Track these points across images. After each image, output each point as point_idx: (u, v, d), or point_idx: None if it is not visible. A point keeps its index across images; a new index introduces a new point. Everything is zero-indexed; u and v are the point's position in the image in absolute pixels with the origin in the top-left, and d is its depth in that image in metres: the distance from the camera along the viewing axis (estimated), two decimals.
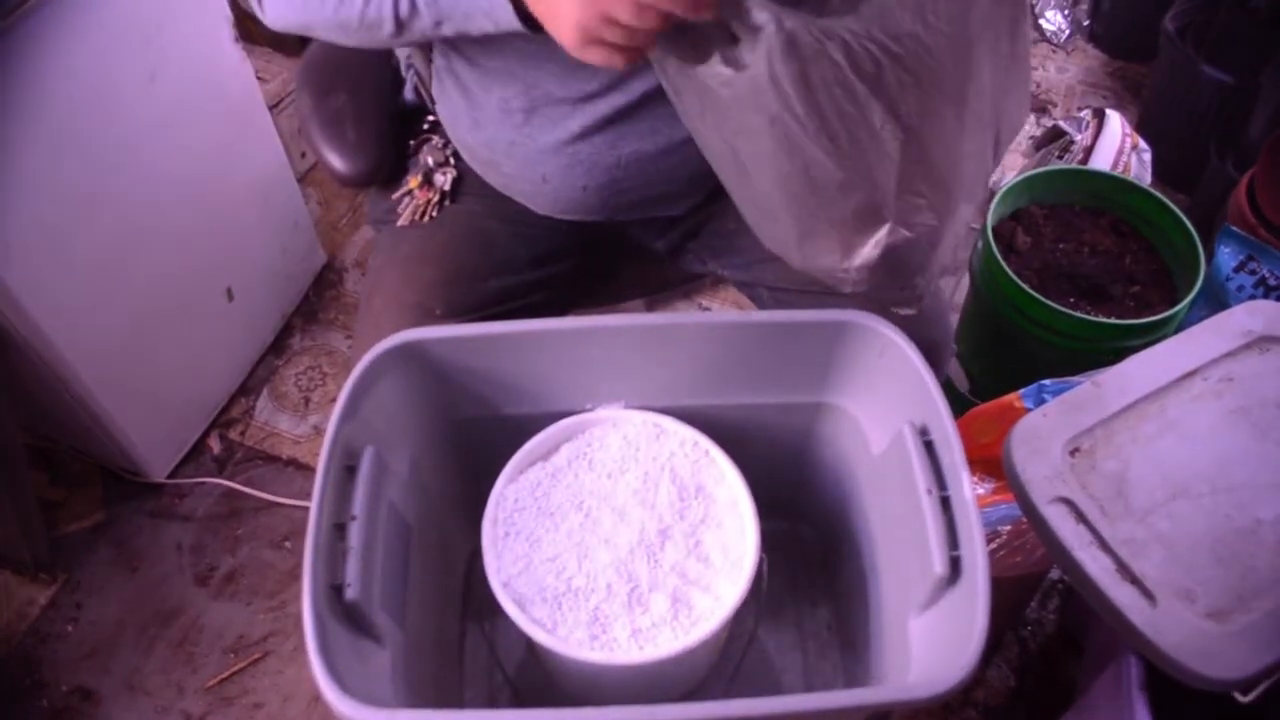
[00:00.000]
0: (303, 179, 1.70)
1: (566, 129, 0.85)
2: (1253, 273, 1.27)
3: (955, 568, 0.67)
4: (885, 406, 0.79)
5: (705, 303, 1.61)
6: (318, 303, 1.63)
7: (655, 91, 0.82)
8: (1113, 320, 1.14)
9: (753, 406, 0.85)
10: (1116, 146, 1.48)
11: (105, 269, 1.19)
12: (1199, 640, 0.69)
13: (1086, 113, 1.59)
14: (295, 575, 1.32)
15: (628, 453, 0.81)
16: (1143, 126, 1.78)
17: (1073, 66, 2.08)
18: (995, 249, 1.18)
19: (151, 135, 1.20)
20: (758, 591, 0.77)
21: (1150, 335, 1.12)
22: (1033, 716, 1.17)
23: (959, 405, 1.06)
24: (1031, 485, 0.77)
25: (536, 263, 0.96)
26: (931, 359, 0.75)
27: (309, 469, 1.43)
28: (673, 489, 0.79)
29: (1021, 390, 0.98)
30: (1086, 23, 2.12)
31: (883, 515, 0.80)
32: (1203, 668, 0.69)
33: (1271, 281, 1.25)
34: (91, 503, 1.38)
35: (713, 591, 0.75)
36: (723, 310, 1.59)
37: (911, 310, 0.80)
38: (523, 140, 0.87)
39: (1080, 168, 1.39)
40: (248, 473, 1.42)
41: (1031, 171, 1.30)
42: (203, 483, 1.40)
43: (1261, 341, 0.84)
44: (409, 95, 1.00)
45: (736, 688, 0.87)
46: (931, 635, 0.69)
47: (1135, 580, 0.72)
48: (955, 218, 0.74)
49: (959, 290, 1.54)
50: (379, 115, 1.00)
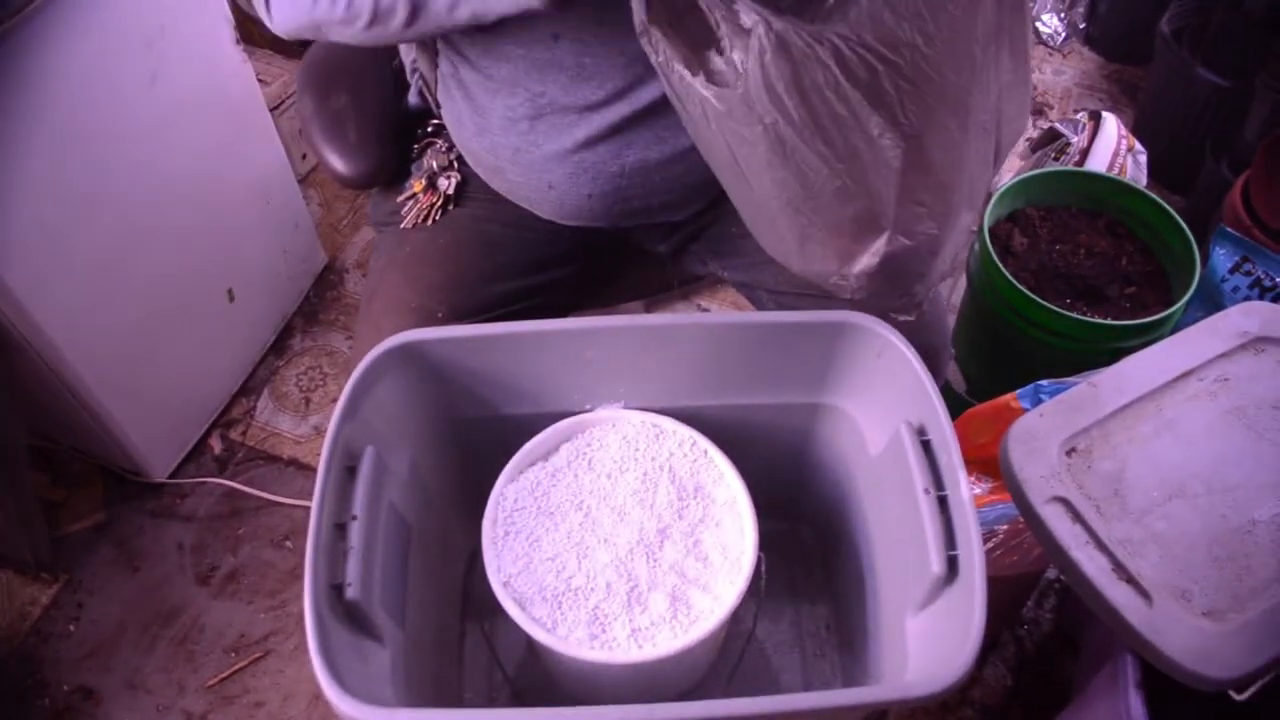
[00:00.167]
0: (303, 180, 1.70)
1: (572, 137, 0.85)
2: (1248, 274, 1.27)
3: (952, 567, 0.67)
4: (883, 407, 0.79)
5: (704, 304, 1.61)
6: (318, 303, 1.63)
7: (660, 101, 0.82)
8: (1109, 321, 1.15)
9: (751, 407, 0.85)
10: (1112, 148, 1.48)
11: (106, 270, 1.19)
12: (1195, 639, 0.70)
13: (1083, 115, 1.59)
14: (296, 575, 1.32)
15: (627, 453, 0.82)
16: (1139, 129, 1.78)
17: (1069, 69, 2.09)
18: (992, 250, 1.18)
19: (152, 136, 1.20)
20: (756, 591, 0.77)
21: (1146, 336, 1.12)
22: (1029, 715, 1.17)
23: (956, 406, 1.06)
24: (1028, 485, 0.77)
25: (539, 267, 0.96)
26: (931, 364, 0.75)
27: (310, 469, 1.43)
28: (672, 489, 0.79)
29: (1018, 391, 0.98)
30: (1083, 25, 2.13)
31: (880, 515, 0.80)
32: (1199, 666, 0.69)
33: (1267, 283, 1.26)
34: (93, 503, 1.38)
35: (711, 591, 0.75)
36: (722, 311, 1.59)
37: (910, 317, 0.80)
38: (528, 147, 0.87)
39: (1076, 169, 1.40)
40: (249, 473, 1.42)
41: (1028, 173, 1.30)
42: (204, 483, 1.40)
43: (1257, 342, 0.85)
44: (413, 99, 1.00)
45: (735, 687, 0.87)
46: (929, 634, 0.69)
47: (1131, 580, 0.72)
48: (956, 225, 0.74)
49: (956, 292, 1.55)
50: (380, 117, 1.00)
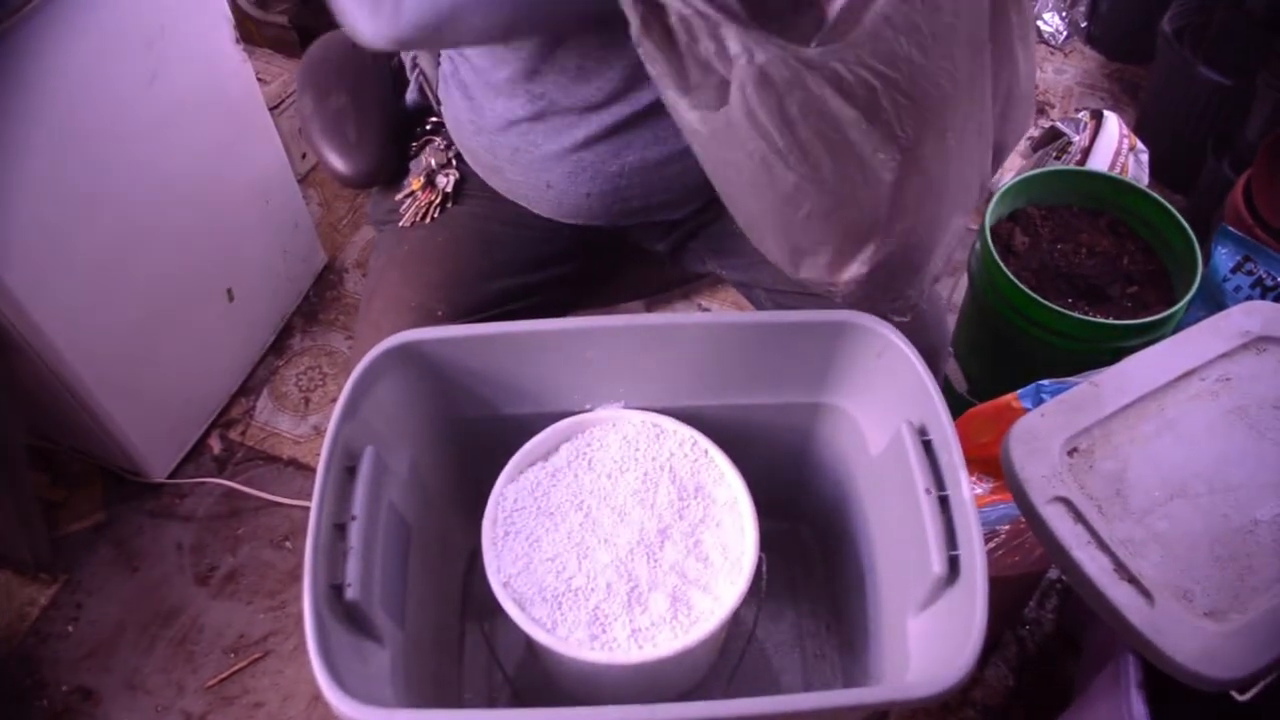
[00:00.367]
0: (303, 180, 1.70)
1: (571, 137, 0.85)
2: (1250, 273, 1.27)
3: (954, 567, 0.67)
4: (884, 406, 0.79)
5: (704, 303, 1.61)
6: (318, 303, 1.63)
7: (660, 101, 0.81)
8: (1110, 321, 1.14)
9: (751, 407, 0.85)
10: (1114, 147, 1.48)
11: (106, 269, 1.19)
12: (1197, 639, 0.70)
13: (1084, 114, 1.59)
14: (295, 575, 1.32)
15: (627, 453, 0.82)
16: (1140, 128, 1.78)
17: (1070, 68, 2.08)
18: (993, 250, 1.18)
19: (152, 136, 1.20)
20: (757, 591, 0.77)
21: (1148, 336, 1.12)
22: (1031, 716, 1.17)
23: (957, 405, 1.06)
24: (1030, 485, 0.77)
25: (538, 265, 0.96)
26: (930, 362, 0.75)
27: (309, 469, 1.43)
28: (672, 489, 0.79)
29: (1019, 390, 0.98)
30: (1084, 24, 2.13)
31: (881, 515, 0.80)
32: (1201, 667, 0.69)
33: (1269, 282, 1.25)
34: (92, 503, 1.38)
35: (712, 591, 0.75)
36: (722, 311, 1.59)
37: (905, 318, 0.79)
38: (527, 147, 0.87)
39: (1078, 169, 1.39)
40: (248, 473, 1.42)
41: (1029, 172, 1.30)
42: (203, 483, 1.40)
43: (1259, 342, 0.85)
44: (413, 97, 1.00)
45: (735, 687, 0.87)
46: (930, 635, 0.69)
47: (1133, 580, 0.72)
48: (947, 229, 0.73)
49: (957, 291, 1.55)
50: (380, 116, 1.00)
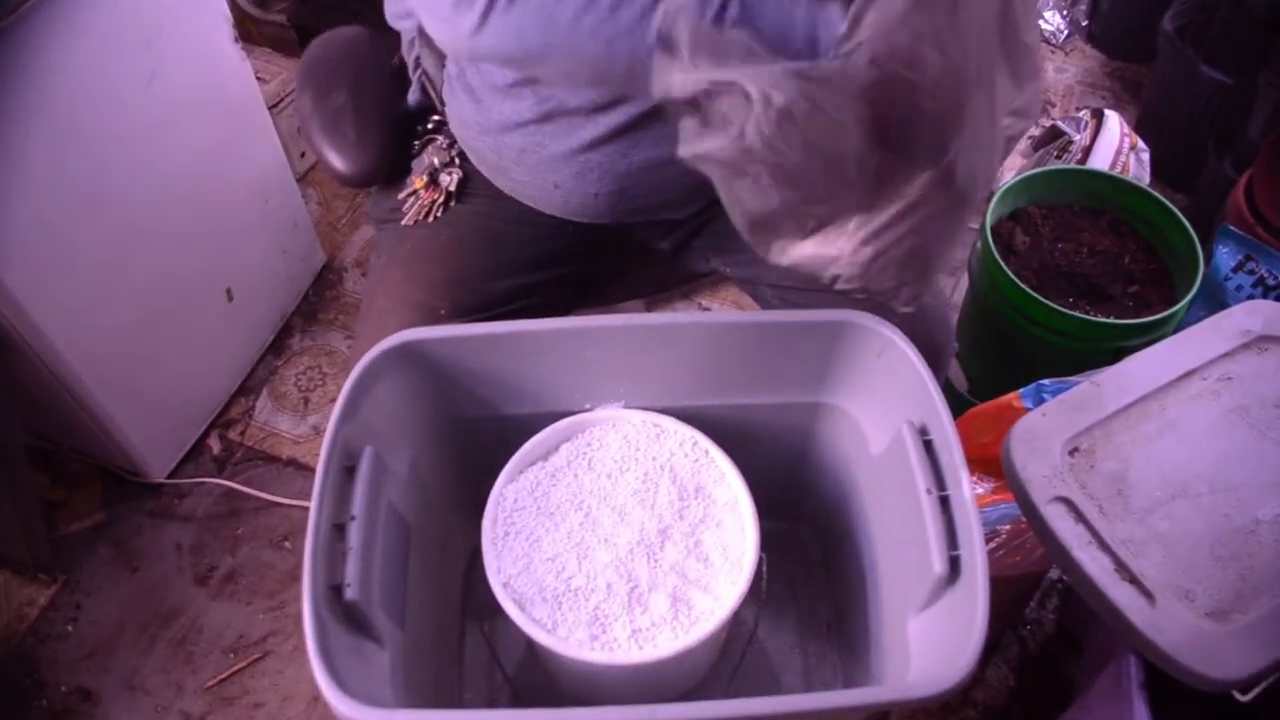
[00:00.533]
0: (302, 179, 1.70)
1: (579, 138, 0.85)
2: (1251, 272, 1.27)
3: (954, 567, 0.67)
4: (884, 406, 0.79)
5: (705, 302, 1.61)
6: (317, 303, 1.63)
7: None
8: (1111, 320, 1.14)
9: (752, 407, 0.84)
10: (1115, 146, 1.48)
11: (105, 269, 1.19)
12: (1198, 640, 0.69)
13: (1085, 113, 1.59)
14: (295, 575, 1.32)
15: (627, 453, 0.81)
16: (1141, 126, 1.78)
17: (1071, 67, 2.08)
18: (994, 249, 1.18)
19: (151, 135, 1.20)
20: (757, 591, 0.77)
21: (1149, 335, 1.12)
22: (1032, 716, 1.17)
23: (958, 405, 1.06)
24: (1031, 485, 0.77)
25: (541, 264, 0.96)
26: (934, 360, 0.75)
27: (308, 469, 1.43)
28: (672, 489, 0.79)
29: (1020, 390, 0.98)
30: (1085, 23, 2.13)
31: (882, 515, 0.80)
32: (1202, 667, 0.69)
33: (1270, 281, 1.25)
34: (91, 503, 1.38)
35: (712, 591, 0.74)
36: (722, 310, 1.59)
37: (910, 308, 0.79)
38: (534, 148, 0.87)
39: (1079, 168, 1.39)
40: (247, 473, 1.42)
41: (1030, 171, 1.30)
42: (202, 483, 1.40)
43: (1260, 341, 0.85)
44: (415, 97, 1.00)
45: (736, 687, 0.87)
46: (931, 635, 0.69)
47: (1134, 580, 0.72)
48: (956, 216, 0.72)
49: (958, 290, 1.54)
50: (379, 115, 0.99)
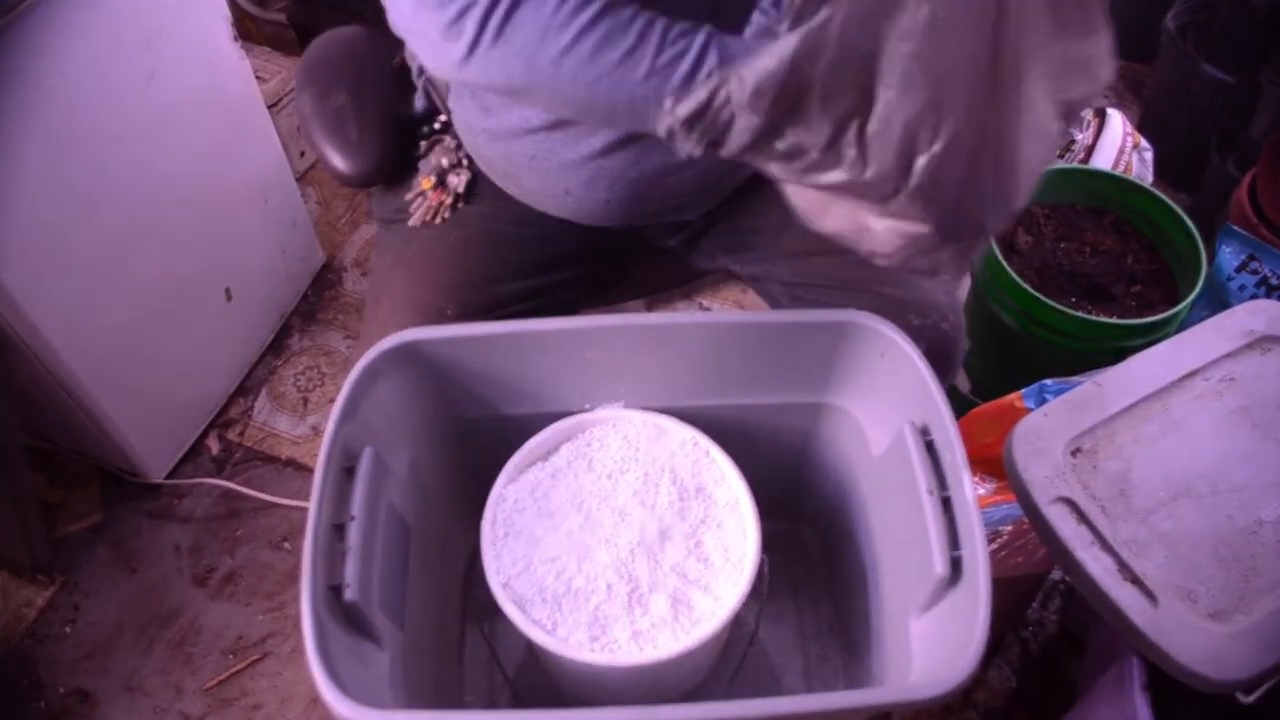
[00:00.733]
0: (301, 178, 1.70)
1: (590, 145, 0.84)
2: (1254, 272, 1.27)
3: (956, 568, 0.66)
4: (886, 407, 0.78)
5: (705, 302, 1.61)
6: (316, 303, 1.63)
7: None
8: (1114, 320, 1.14)
9: (753, 407, 0.84)
10: (1118, 146, 1.47)
11: (103, 269, 1.19)
12: (1201, 641, 0.69)
13: (1088, 112, 1.58)
14: (294, 576, 1.31)
15: (628, 453, 0.81)
16: (1144, 126, 1.78)
17: None
18: (996, 248, 1.18)
19: (150, 135, 1.20)
20: (758, 592, 0.77)
21: (1152, 335, 1.12)
22: (1034, 717, 1.17)
23: (960, 405, 1.06)
24: (1033, 485, 0.76)
25: (549, 266, 0.96)
26: (945, 360, 0.73)
27: (307, 469, 1.43)
28: (673, 489, 0.79)
29: (1023, 390, 0.98)
30: None
31: (884, 516, 0.79)
32: (1205, 668, 0.69)
33: (1273, 281, 1.25)
34: (90, 503, 1.37)
35: (713, 592, 0.74)
36: (723, 310, 1.59)
37: (961, 275, 0.73)
38: (544, 155, 0.86)
39: (1081, 167, 1.39)
40: (246, 473, 1.42)
41: None
42: (201, 483, 1.40)
43: (1263, 341, 0.84)
44: (421, 103, 0.99)
45: (737, 689, 0.86)
46: (932, 636, 0.69)
47: (1137, 580, 0.72)
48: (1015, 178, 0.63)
49: (960, 290, 1.54)
50: (380, 115, 0.99)
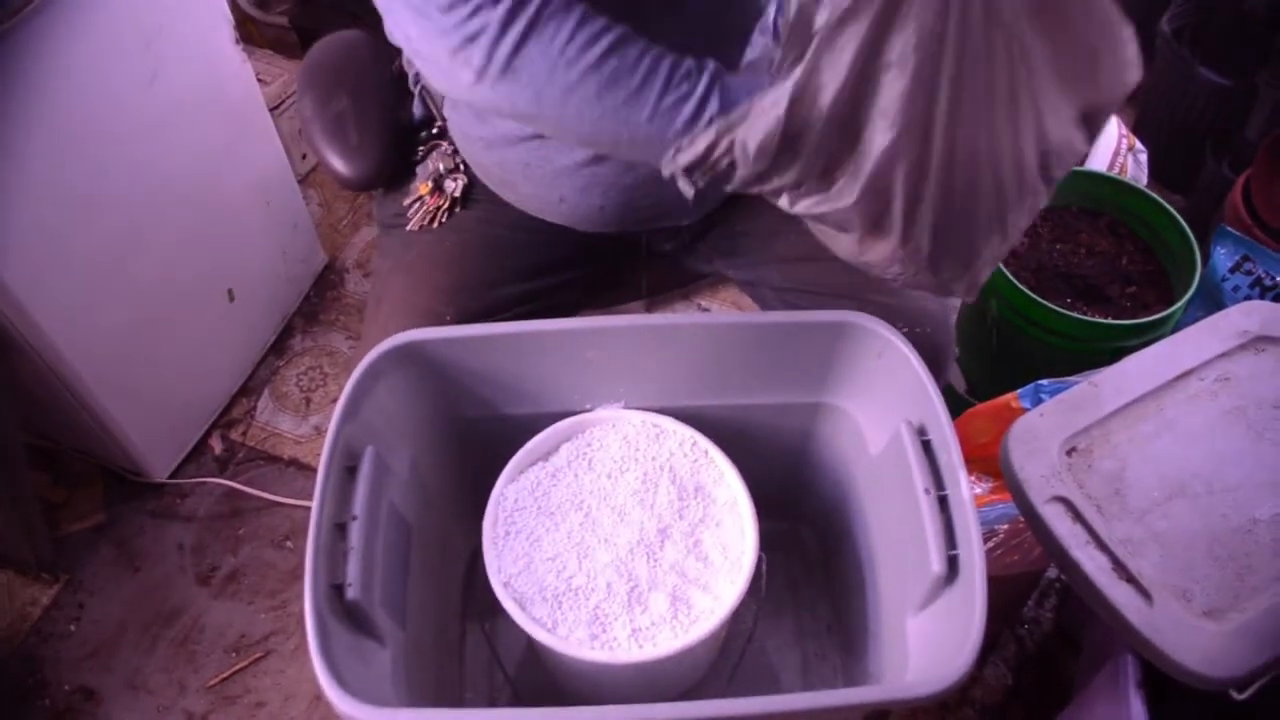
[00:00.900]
0: (303, 180, 1.70)
1: (583, 152, 0.84)
2: (1248, 273, 1.27)
3: (953, 566, 0.67)
4: (883, 407, 0.79)
5: (704, 303, 1.61)
6: (318, 303, 1.63)
7: None
8: (1109, 321, 1.15)
9: (751, 407, 0.85)
10: (1113, 148, 1.48)
11: (106, 270, 1.19)
12: (1195, 638, 0.70)
13: None
14: (296, 575, 1.32)
15: (627, 453, 0.82)
16: (1139, 128, 1.78)
17: None
18: None
19: (152, 137, 1.20)
20: (757, 590, 0.77)
21: (1147, 335, 1.12)
22: (1030, 715, 1.17)
23: (957, 405, 1.06)
24: (1029, 484, 0.77)
25: (546, 270, 0.96)
26: (935, 365, 0.74)
27: (310, 469, 1.43)
28: (672, 489, 0.79)
29: (1019, 390, 0.98)
30: None
31: (881, 515, 0.80)
32: (1199, 666, 0.69)
33: (1267, 282, 1.26)
34: (93, 503, 1.38)
35: (712, 590, 0.75)
36: (722, 311, 1.59)
37: (970, 298, 0.74)
38: (539, 163, 0.87)
39: (1077, 169, 1.39)
40: (249, 473, 1.42)
41: None
42: (204, 483, 1.40)
43: (1257, 341, 0.85)
44: (419, 110, 1.00)
45: (735, 686, 0.87)
46: (929, 634, 0.69)
47: (1132, 579, 0.72)
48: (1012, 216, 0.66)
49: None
50: (380, 119, 0.99)
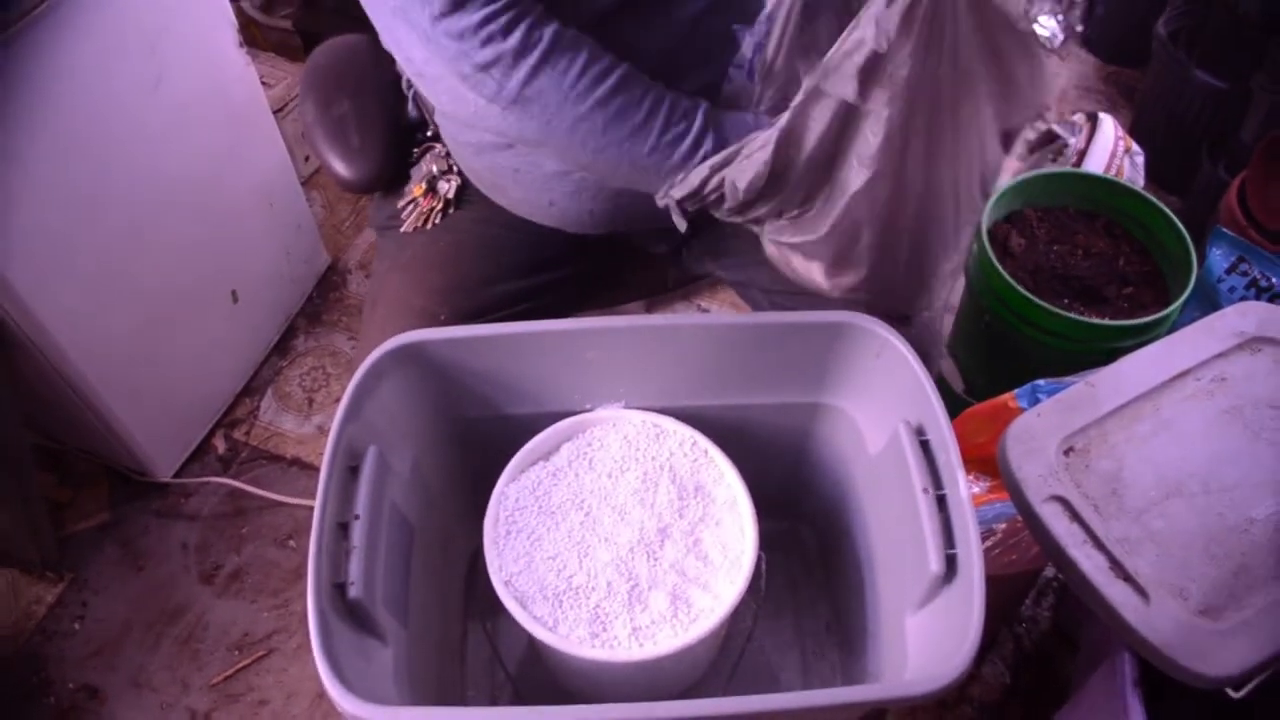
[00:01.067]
0: (306, 182, 1.71)
1: None
2: (1244, 274, 1.27)
3: (951, 566, 0.67)
4: (882, 406, 0.79)
5: (704, 304, 1.62)
6: (321, 304, 1.64)
7: None
8: (1106, 321, 1.15)
9: (751, 407, 0.85)
10: (1109, 150, 1.48)
11: (111, 272, 1.20)
12: (1192, 637, 0.70)
13: (1080, 116, 1.59)
14: (299, 574, 1.32)
15: (627, 452, 0.82)
16: (1135, 130, 1.79)
17: (1066, 71, 2.09)
18: (990, 251, 1.19)
19: (156, 140, 1.21)
20: (756, 589, 0.78)
21: (1143, 336, 1.13)
22: (1028, 713, 1.18)
23: (954, 405, 1.06)
24: (1026, 484, 0.77)
25: (540, 268, 0.97)
26: (928, 357, 0.75)
27: (313, 468, 1.44)
28: (672, 488, 0.80)
29: (1016, 390, 0.98)
30: (1080, 28, 2.13)
31: (880, 514, 0.80)
32: (1196, 664, 0.69)
33: (1263, 283, 1.26)
34: (98, 502, 1.38)
35: (712, 589, 0.75)
36: (721, 311, 1.60)
37: (929, 310, 0.79)
38: (528, 168, 0.88)
39: (1074, 171, 1.40)
40: (252, 472, 1.43)
41: (1026, 174, 1.31)
42: (208, 482, 1.41)
43: (1253, 342, 0.85)
44: (414, 113, 1.01)
45: (735, 685, 0.87)
46: (928, 633, 0.70)
47: (1129, 578, 0.73)
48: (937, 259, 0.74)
49: (954, 292, 1.55)
50: (382, 123, 1.00)
